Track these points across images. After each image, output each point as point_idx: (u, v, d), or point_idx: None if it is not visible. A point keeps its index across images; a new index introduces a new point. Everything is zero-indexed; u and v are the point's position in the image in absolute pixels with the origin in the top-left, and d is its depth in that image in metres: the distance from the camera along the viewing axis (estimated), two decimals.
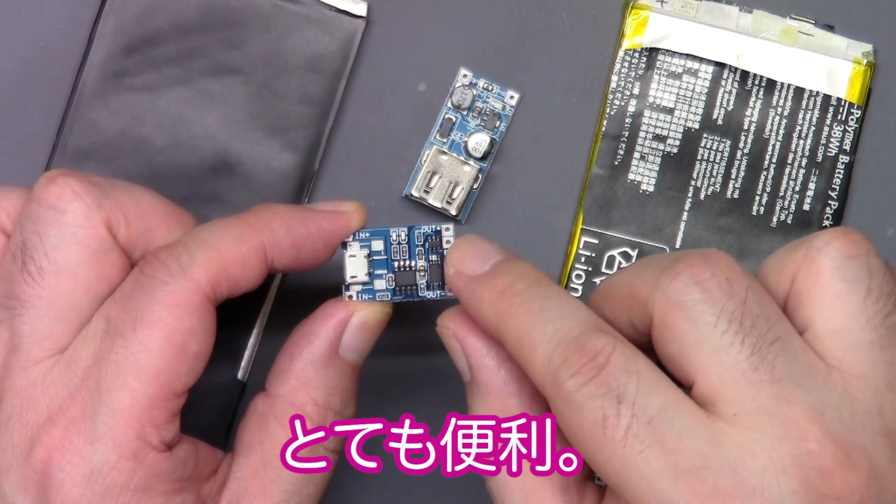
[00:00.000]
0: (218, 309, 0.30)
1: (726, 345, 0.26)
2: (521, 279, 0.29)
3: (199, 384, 0.30)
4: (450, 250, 0.31)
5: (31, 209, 0.30)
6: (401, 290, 0.32)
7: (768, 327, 0.26)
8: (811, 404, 0.25)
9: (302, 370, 0.31)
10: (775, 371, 0.26)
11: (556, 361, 0.26)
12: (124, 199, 0.31)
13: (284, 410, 0.31)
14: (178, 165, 0.38)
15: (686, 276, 0.27)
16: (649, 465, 0.25)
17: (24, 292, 0.29)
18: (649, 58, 0.39)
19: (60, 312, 0.29)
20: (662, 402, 0.26)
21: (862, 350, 0.26)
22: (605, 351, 0.26)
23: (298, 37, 0.38)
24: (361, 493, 0.38)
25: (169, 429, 0.29)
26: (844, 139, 0.39)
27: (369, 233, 0.32)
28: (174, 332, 0.29)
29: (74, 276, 0.30)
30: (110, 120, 0.38)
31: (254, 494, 0.30)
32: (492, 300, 0.29)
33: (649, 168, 0.38)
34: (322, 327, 0.32)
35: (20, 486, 0.29)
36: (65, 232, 0.30)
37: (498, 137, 0.39)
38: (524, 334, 0.28)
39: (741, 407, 0.25)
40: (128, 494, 0.28)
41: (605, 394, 0.26)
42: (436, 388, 0.38)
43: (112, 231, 0.30)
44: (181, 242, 0.30)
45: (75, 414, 0.28)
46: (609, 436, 0.25)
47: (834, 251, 0.27)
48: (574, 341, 0.27)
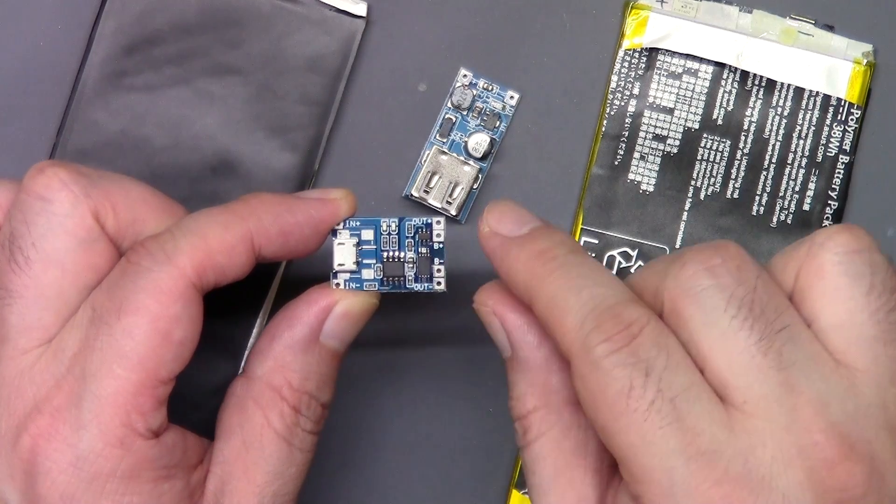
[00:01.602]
0: (219, 307, 0.30)
1: (735, 329, 0.26)
2: (560, 245, 0.29)
3: (200, 383, 0.30)
4: (486, 210, 0.31)
5: (19, 199, 0.30)
6: (388, 281, 0.32)
7: (777, 315, 0.26)
8: (817, 395, 0.26)
9: (280, 353, 0.31)
10: (783, 358, 0.26)
11: (589, 326, 0.27)
12: (113, 190, 0.31)
13: (262, 392, 0.31)
14: (178, 165, 0.38)
15: (696, 263, 0.27)
16: (666, 443, 0.25)
17: (12, 282, 0.29)
18: (649, 58, 0.39)
19: (48, 302, 0.29)
20: (687, 382, 0.26)
21: (865, 345, 0.26)
22: (639, 322, 0.26)
23: (298, 37, 0.38)
24: (354, 490, 0.38)
25: (156, 416, 0.29)
26: (844, 139, 0.39)
27: (360, 222, 0.32)
28: (158, 319, 0.29)
29: (62, 265, 0.30)
30: (110, 120, 0.38)
31: (237, 477, 0.31)
32: (527, 261, 0.29)
33: (649, 168, 0.38)
34: (305, 312, 0.32)
35: (7, 475, 0.29)
36: (52, 222, 0.30)
37: (498, 137, 0.39)
38: (558, 296, 0.28)
39: (750, 393, 0.26)
40: (115, 481, 0.29)
41: (634, 363, 0.26)
42: (424, 379, 0.38)
43: (100, 221, 0.30)
44: (168, 231, 0.30)
45: (61, 402, 0.28)
46: (632, 407, 0.26)
47: (837, 247, 0.27)
48: (610, 309, 0.27)
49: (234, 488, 0.30)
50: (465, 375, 0.38)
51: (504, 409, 0.38)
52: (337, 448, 0.37)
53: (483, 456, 0.38)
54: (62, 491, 0.28)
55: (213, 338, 0.35)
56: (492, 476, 0.38)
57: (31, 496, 0.29)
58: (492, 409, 0.38)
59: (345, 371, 0.38)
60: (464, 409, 0.38)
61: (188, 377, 0.31)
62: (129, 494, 0.29)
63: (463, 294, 0.38)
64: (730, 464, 0.25)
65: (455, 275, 0.37)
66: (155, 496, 0.29)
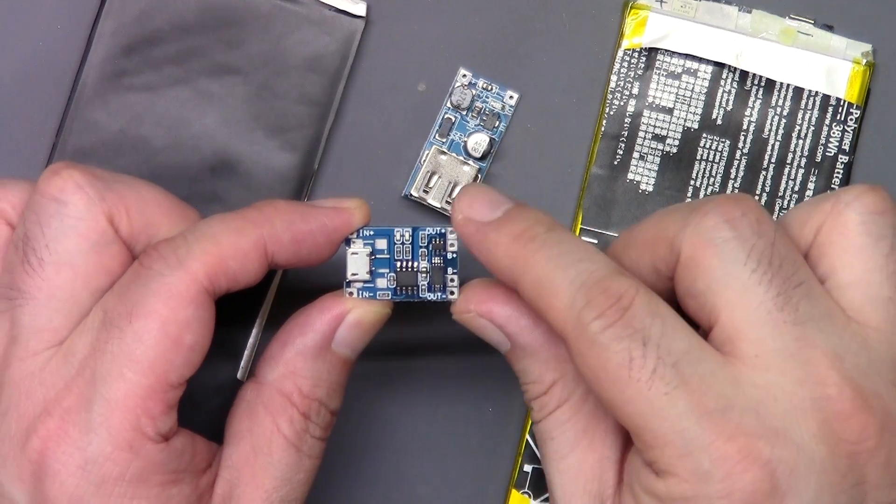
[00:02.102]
0: (217, 308, 0.30)
1: (754, 283, 0.26)
2: (538, 224, 0.29)
3: (200, 384, 0.30)
4: (456, 197, 0.31)
5: (34, 201, 0.30)
6: (402, 290, 0.32)
7: (794, 270, 0.27)
8: (832, 349, 0.26)
9: (291, 359, 0.31)
10: (799, 313, 0.26)
11: (580, 303, 0.27)
12: (127, 193, 0.31)
13: (272, 397, 0.31)
14: (177, 165, 0.38)
15: (717, 214, 0.27)
16: (675, 406, 0.25)
17: (25, 283, 0.29)
18: (648, 58, 0.39)
19: (59, 304, 0.30)
20: (686, 345, 0.26)
21: (881, 304, 0.27)
22: (628, 293, 0.27)
23: (298, 37, 0.38)
24: (355, 490, 0.38)
25: (165, 420, 0.29)
26: (843, 139, 0.39)
27: (373, 231, 0.32)
28: (169, 323, 0.29)
29: (74, 267, 0.30)
30: (110, 120, 0.38)
31: (245, 482, 0.31)
32: (507, 245, 0.29)
33: (648, 168, 0.39)
34: (317, 320, 0.32)
35: (16, 477, 0.29)
36: (66, 224, 0.30)
37: (497, 137, 0.39)
38: (544, 277, 0.28)
39: (763, 347, 0.26)
40: (123, 485, 0.29)
41: (630, 335, 0.26)
42: (424, 380, 0.38)
43: (114, 224, 0.30)
44: (181, 235, 0.30)
45: (71, 404, 0.28)
46: (634, 377, 0.26)
47: (862, 206, 0.28)
48: (598, 283, 0.27)
49: (242, 493, 0.30)
50: (465, 376, 0.38)
51: (504, 409, 0.38)
52: (338, 448, 0.37)
53: (483, 456, 0.38)
54: (70, 493, 0.28)
55: (213, 338, 0.35)
56: (491, 476, 0.38)
57: (40, 498, 0.29)
58: (491, 409, 0.38)
59: None
60: (463, 410, 0.38)
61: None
62: (138, 498, 0.29)
63: None
64: (742, 418, 0.25)
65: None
66: (163, 500, 0.29)
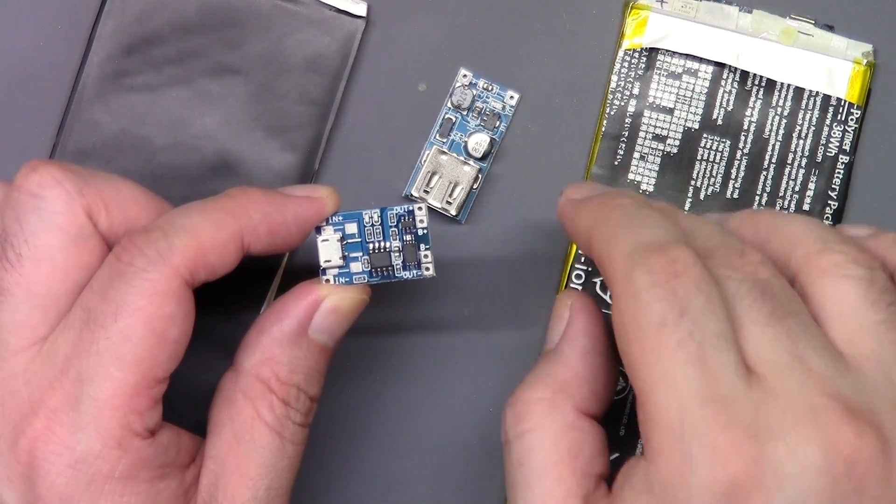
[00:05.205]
0: (217, 308, 0.30)
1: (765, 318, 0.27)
2: (627, 196, 0.30)
3: (200, 384, 0.30)
4: (565, 188, 0.33)
5: (12, 197, 0.30)
6: (377, 272, 0.32)
7: (788, 301, 0.28)
8: (825, 370, 0.26)
9: (268, 346, 0.31)
10: (794, 340, 0.27)
11: (636, 258, 0.27)
12: (105, 188, 0.31)
13: (251, 385, 0.31)
14: (178, 165, 0.38)
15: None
16: (686, 382, 0.26)
17: (3, 279, 0.29)
18: (649, 58, 0.39)
19: (37, 300, 0.29)
20: (718, 330, 0.26)
21: (870, 330, 0.27)
22: (684, 262, 0.27)
23: (298, 37, 0.38)
24: (346, 485, 0.38)
25: (152, 415, 0.29)
26: (844, 139, 0.39)
27: (342, 216, 0.32)
28: (154, 319, 0.29)
29: (53, 262, 0.30)
30: (110, 120, 0.38)
31: (230, 471, 0.31)
32: (594, 209, 0.30)
33: (649, 168, 0.38)
34: (293, 306, 0.32)
35: (6, 477, 0.29)
36: (45, 218, 0.30)
37: (498, 137, 0.39)
38: (616, 232, 0.28)
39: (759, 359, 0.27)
40: (113, 482, 0.29)
41: (670, 301, 0.26)
42: (425, 380, 0.38)
43: (92, 219, 0.30)
44: (158, 228, 0.30)
45: (57, 404, 0.28)
46: (662, 341, 0.26)
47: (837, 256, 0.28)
48: (659, 246, 0.27)
49: (227, 482, 0.30)
50: (465, 376, 0.38)
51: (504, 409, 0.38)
52: (334, 447, 0.37)
53: (483, 456, 0.38)
54: (61, 492, 0.28)
55: (214, 337, 0.35)
56: (492, 476, 0.38)
57: (31, 498, 0.29)
58: (491, 409, 0.38)
59: (344, 370, 0.38)
60: (463, 409, 0.38)
61: (187, 377, 0.31)
62: (128, 495, 0.29)
63: (462, 294, 0.38)
64: (741, 412, 0.25)
65: (455, 275, 0.37)
66: (152, 495, 0.29)
